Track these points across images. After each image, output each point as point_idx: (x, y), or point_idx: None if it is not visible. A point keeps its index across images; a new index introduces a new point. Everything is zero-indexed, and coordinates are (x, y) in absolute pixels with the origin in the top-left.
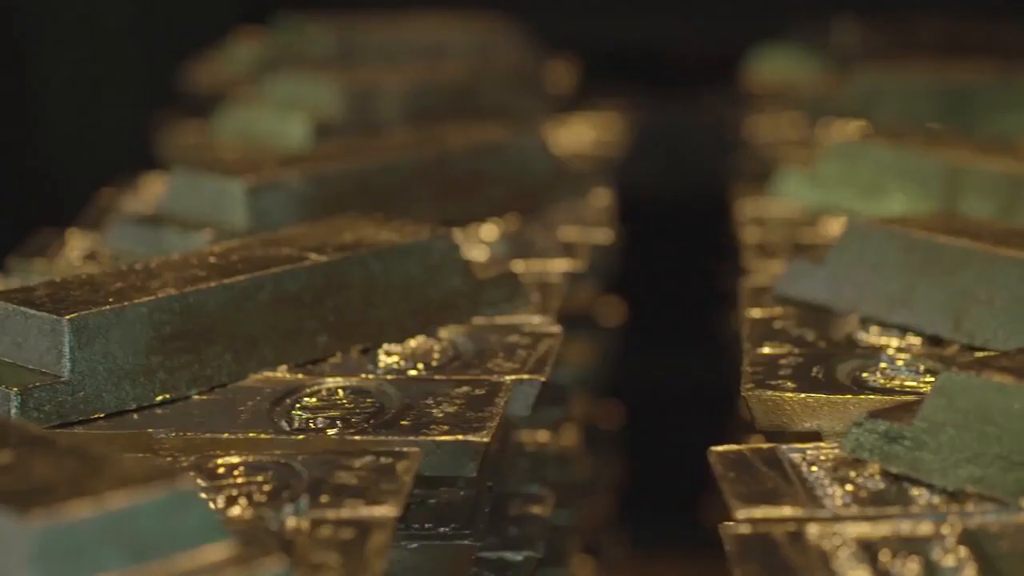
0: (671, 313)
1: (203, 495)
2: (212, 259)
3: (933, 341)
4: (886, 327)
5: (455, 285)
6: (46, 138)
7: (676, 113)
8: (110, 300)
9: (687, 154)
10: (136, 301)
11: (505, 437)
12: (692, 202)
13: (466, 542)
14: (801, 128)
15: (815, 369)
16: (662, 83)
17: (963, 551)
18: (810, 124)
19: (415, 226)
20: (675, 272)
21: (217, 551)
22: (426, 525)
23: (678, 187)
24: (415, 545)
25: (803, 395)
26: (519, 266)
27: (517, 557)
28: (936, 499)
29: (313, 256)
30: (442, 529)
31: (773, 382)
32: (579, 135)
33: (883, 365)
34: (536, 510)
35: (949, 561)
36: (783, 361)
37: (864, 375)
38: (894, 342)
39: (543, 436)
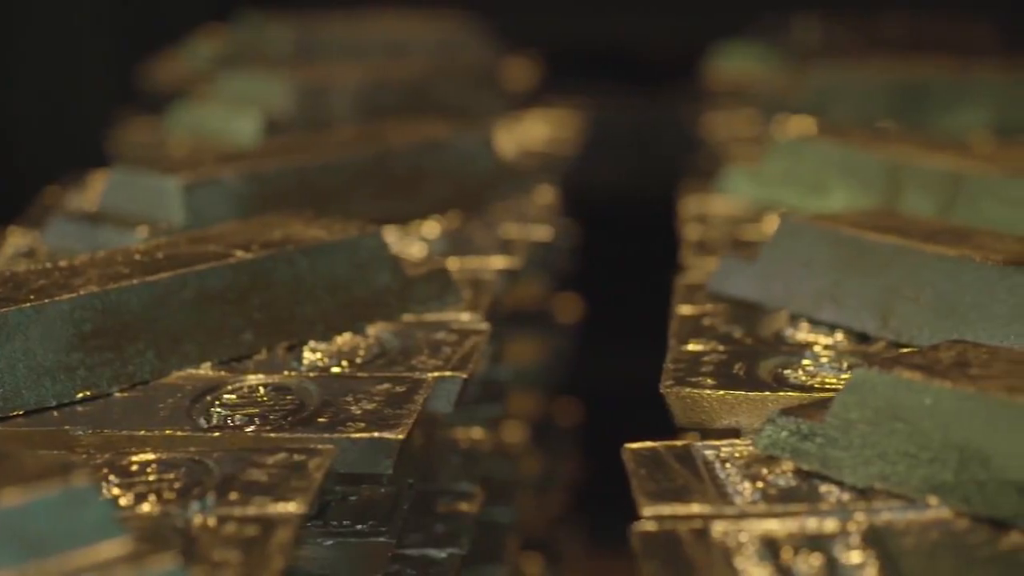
0: (628, 310)
1: (101, 492)
2: (137, 256)
3: (860, 338)
4: (815, 324)
5: (384, 282)
6: (5, 135)
7: (637, 110)
8: (31, 297)
9: (647, 151)
10: (57, 298)
11: (434, 434)
12: (649, 199)
13: (382, 539)
14: (756, 125)
15: (737, 366)
16: (625, 80)
17: (866, 548)
18: (765, 121)
19: (344, 223)
20: (632, 269)
21: (112, 548)
22: (344, 522)
23: (636, 184)
24: (331, 542)
25: (722, 392)
26: (455, 263)
27: (441, 554)
28: (846, 496)
29: (239, 253)
30: (359, 527)
31: (693, 379)
32: (535, 132)
33: (806, 362)
34: (464, 507)
35: (851, 558)
36: (706, 358)
37: (786, 372)
38: (821, 339)
39: (478, 433)
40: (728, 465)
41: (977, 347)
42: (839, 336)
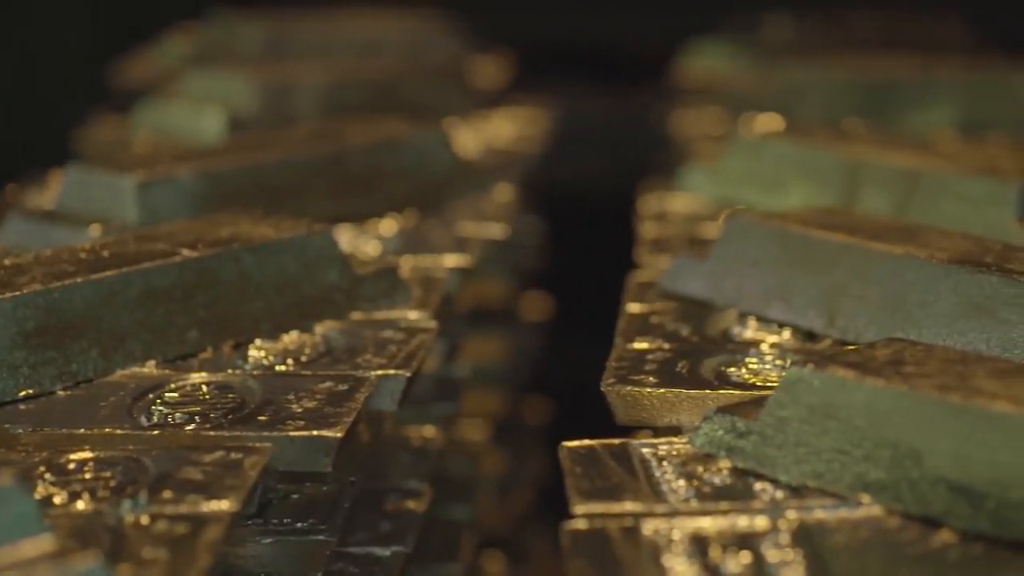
0: (596, 307)
1: (26, 490)
2: (83, 255)
3: (808, 336)
4: (764, 322)
5: (332, 281)
6: None
7: (609, 108)
8: None
9: (617, 149)
10: (0, 297)
11: (382, 432)
12: (618, 197)
13: (321, 537)
14: (723, 123)
15: (680, 364)
16: (597, 78)
17: (795, 547)
18: (733, 119)
19: (293, 222)
20: (600, 266)
21: (35, 546)
22: (284, 520)
23: (606, 182)
24: (269, 540)
25: (663, 390)
26: (408, 261)
27: (385, 552)
28: (780, 494)
29: (185, 252)
30: (300, 524)
31: (636, 377)
32: (502, 130)
33: (750, 360)
34: (412, 505)
35: (779, 557)
36: (650, 356)
37: (729, 370)
38: (768, 337)
39: (430, 431)
40: (665, 463)
41: (914, 345)
42: (786, 334)
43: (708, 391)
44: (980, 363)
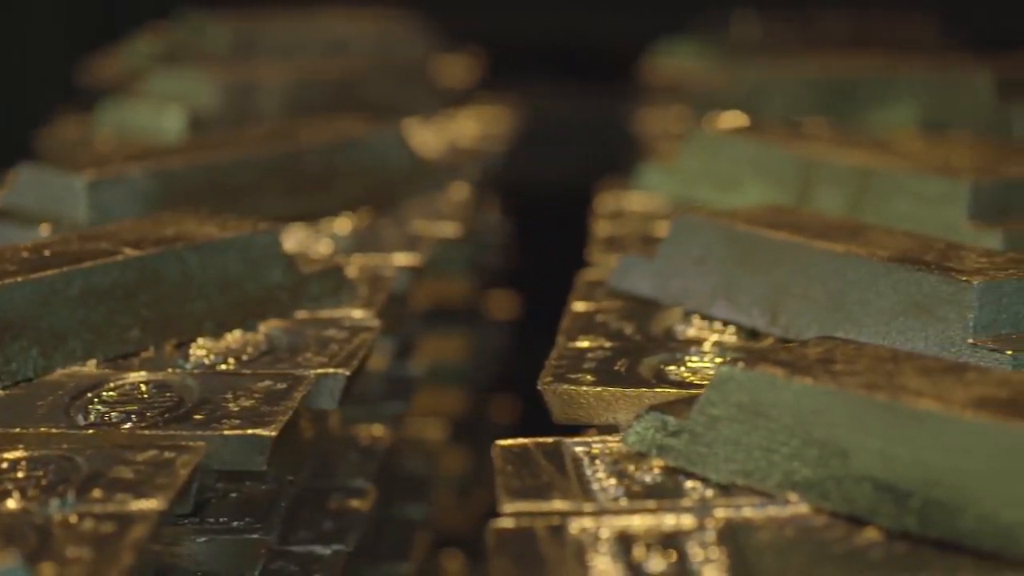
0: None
1: None
2: (24, 254)
3: (751, 335)
4: (709, 321)
5: (276, 279)
6: None
7: (578, 107)
8: None
9: (586, 148)
10: None
11: (326, 430)
12: (585, 196)
13: (256, 536)
14: (687, 122)
15: (620, 363)
16: (568, 77)
17: (720, 545)
18: (697, 118)
19: (238, 221)
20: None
21: None
22: (221, 519)
23: (573, 181)
24: (204, 539)
25: (599, 388)
26: (359, 260)
27: (326, 551)
28: (709, 493)
29: (128, 251)
30: (236, 523)
31: (573, 375)
32: (468, 129)
33: (691, 359)
34: (355, 504)
35: (702, 555)
36: (591, 355)
37: (669, 369)
38: (712, 336)
39: (379, 430)
40: (597, 462)
41: (846, 344)
42: (730, 333)
43: (645, 389)
44: (910, 361)
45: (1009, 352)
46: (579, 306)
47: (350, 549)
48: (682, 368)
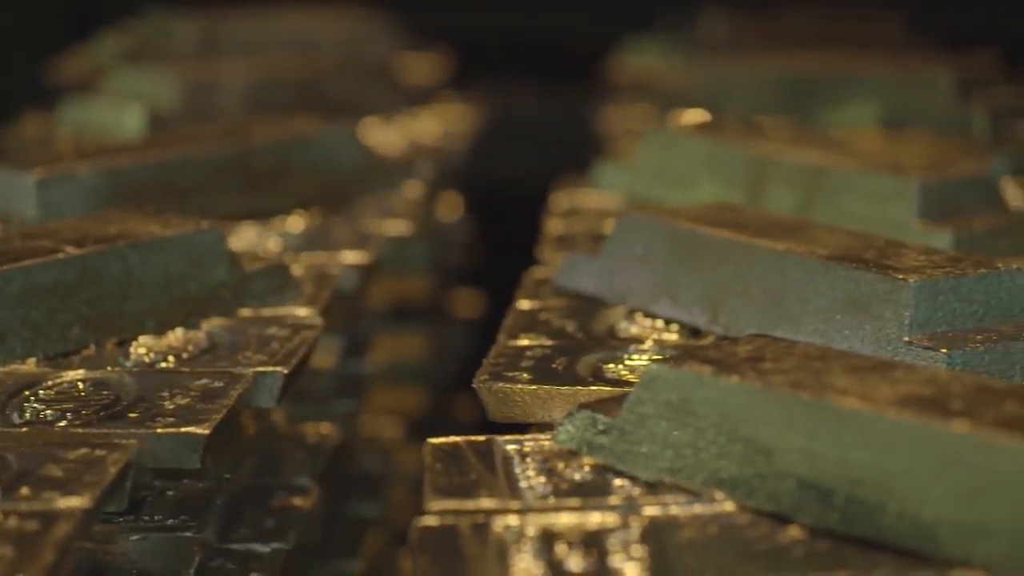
0: None
1: None
2: None
3: (692, 333)
4: (652, 319)
5: (219, 278)
6: None
7: (544, 105)
8: None
9: (551, 146)
10: None
11: (273, 429)
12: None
13: (188, 534)
14: (650, 120)
15: (558, 361)
16: (535, 75)
17: (642, 543)
18: (661, 117)
19: (181, 219)
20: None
21: None
22: (156, 517)
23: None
24: (138, 537)
25: (534, 387)
26: (307, 258)
27: (265, 549)
28: (636, 491)
29: (69, 249)
30: (170, 521)
31: (510, 373)
32: (430, 127)
33: (630, 357)
34: (298, 502)
35: (623, 553)
36: (529, 353)
37: (607, 367)
38: (653, 334)
39: (327, 428)
40: (528, 460)
41: (777, 342)
42: (672, 331)
43: (580, 387)
44: (839, 360)
45: (944, 350)
46: (524, 304)
47: (289, 547)
48: (620, 366)
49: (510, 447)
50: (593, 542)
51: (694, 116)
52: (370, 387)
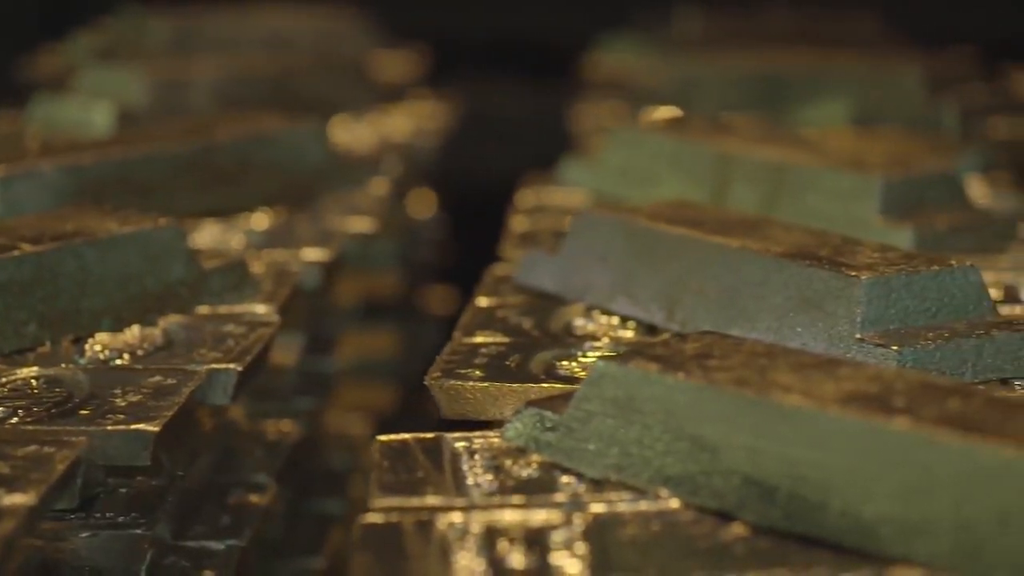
0: None
1: None
2: None
3: (649, 330)
4: (609, 316)
5: (177, 275)
6: None
7: (519, 102)
8: None
9: (525, 143)
10: None
11: (233, 426)
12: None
13: (138, 531)
14: (623, 118)
15: (512, 358)
16: (510, 72)
17: (584, 540)
18: (634, 114)
19: (139, 216)
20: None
21: None
22: (108, 514)
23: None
24: (88, 534)
25: (486, 384)
26: (268, 255)
27: (220, 546)
28: (582, 488)
29: (24, 246)
30: (121, 518)
31: (463, 371)
32: (401, 125)
33: (584, 355)
34: (254, 499)
35: (565, 550)
36: (483, 350)
37: (560, 364)
38: (609, 332)
39: (287, 426)
40: (476, 457)
41: (725, 339)
42: (629, 329)
43: (532, 385)
44: (786, 357)
45: (895, 347)
46: (482, 301)
47: (244, 544)
48: (573, 364)
49: (459, 444)
50: (536, 539)
51: (663, 113)
52: (338, 384)
